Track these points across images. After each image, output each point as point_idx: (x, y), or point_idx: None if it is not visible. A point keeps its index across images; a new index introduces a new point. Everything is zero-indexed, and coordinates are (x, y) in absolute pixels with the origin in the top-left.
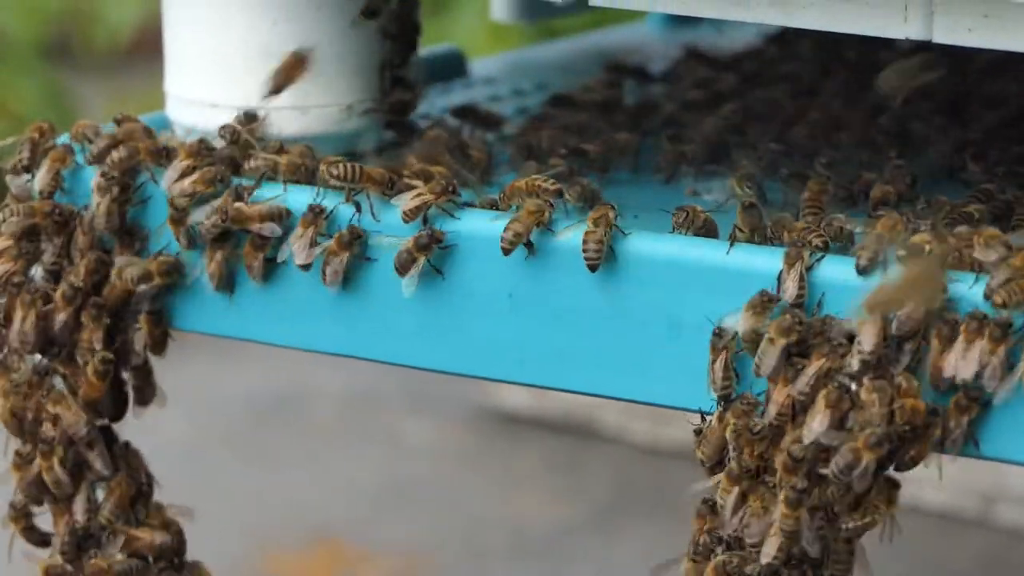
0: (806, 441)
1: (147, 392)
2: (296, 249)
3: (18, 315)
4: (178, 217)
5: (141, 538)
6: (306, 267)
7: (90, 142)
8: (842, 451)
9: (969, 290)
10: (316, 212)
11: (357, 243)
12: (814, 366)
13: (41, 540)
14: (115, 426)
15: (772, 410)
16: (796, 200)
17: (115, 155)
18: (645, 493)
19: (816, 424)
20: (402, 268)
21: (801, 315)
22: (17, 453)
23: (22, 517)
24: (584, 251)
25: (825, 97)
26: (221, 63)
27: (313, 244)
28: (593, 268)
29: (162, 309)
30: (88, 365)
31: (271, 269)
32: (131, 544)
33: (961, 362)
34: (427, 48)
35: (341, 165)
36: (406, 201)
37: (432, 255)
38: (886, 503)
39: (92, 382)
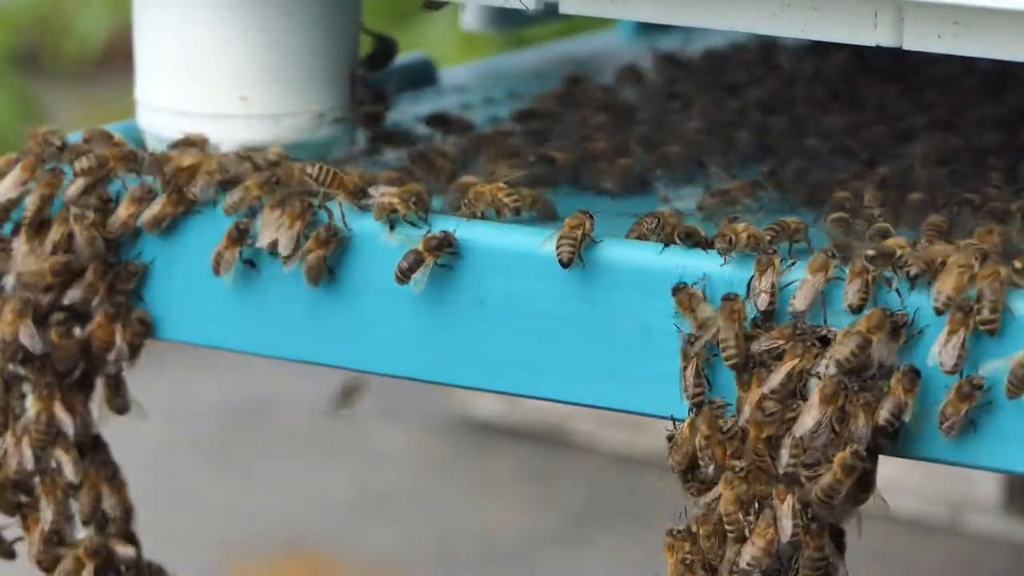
0: (798, 433)
1: (119, 401)
2: (281, 237)
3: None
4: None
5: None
6: (286, 260)
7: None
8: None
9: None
10: (305, 205)
11: (334, 240)
12: (786, 365)
13: (7, 553)
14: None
15: (747, 411)
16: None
17: (83, 164)
18: (618, 501)
19: (809, 419)
20: (409, 268)
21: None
22: None
23: None
24: (558, 249)
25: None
26: (191, 71)
27: (299, 237)
28: (565, 264)
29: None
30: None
31: (245, 275)
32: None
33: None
34: (398, 57)
35: (317, 166)
36: (375, 197)
37: (441, 257)
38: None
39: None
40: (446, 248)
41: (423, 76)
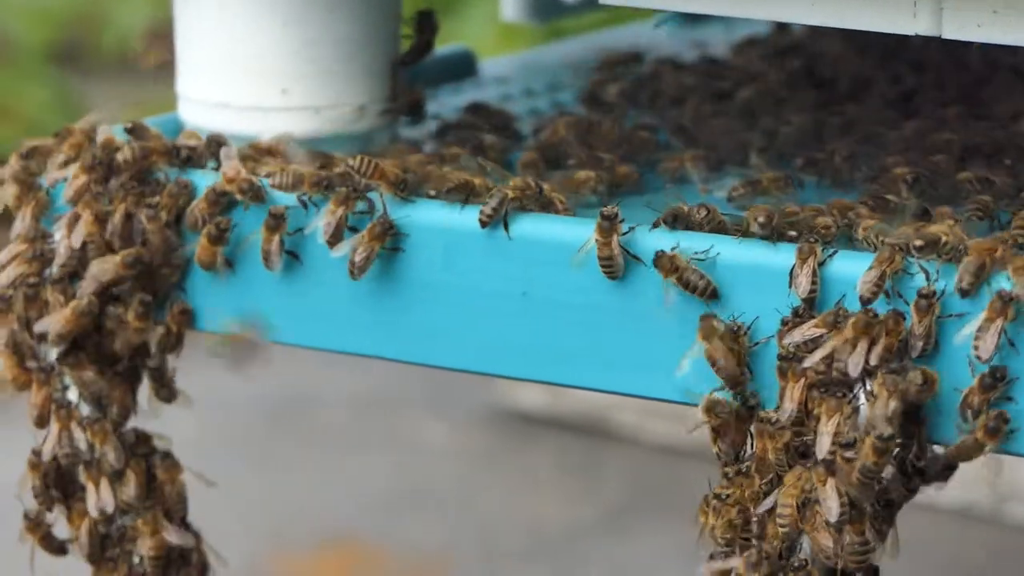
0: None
1: (165, 390)
2: (324, 225)
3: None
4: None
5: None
6: (330, 245)
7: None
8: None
9: None
10: (350, 192)
11: (388, 235)
12: (831, 343)
13: (59, 548)
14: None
15: (788, 407)
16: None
17: (125, 155)
18: (661, 493)
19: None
20: (493, 211)
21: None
22: (33, 452)
23: (38, 527)
24: (602, 265)
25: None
26: (232, 64)
27: (342, 225)
28: (613, 279)
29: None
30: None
31: (289, 265)
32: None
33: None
34: (438, 48)
35: (359, 157)
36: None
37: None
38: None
39: (135, 325)
40: (532, 191)
41: (463, 67)
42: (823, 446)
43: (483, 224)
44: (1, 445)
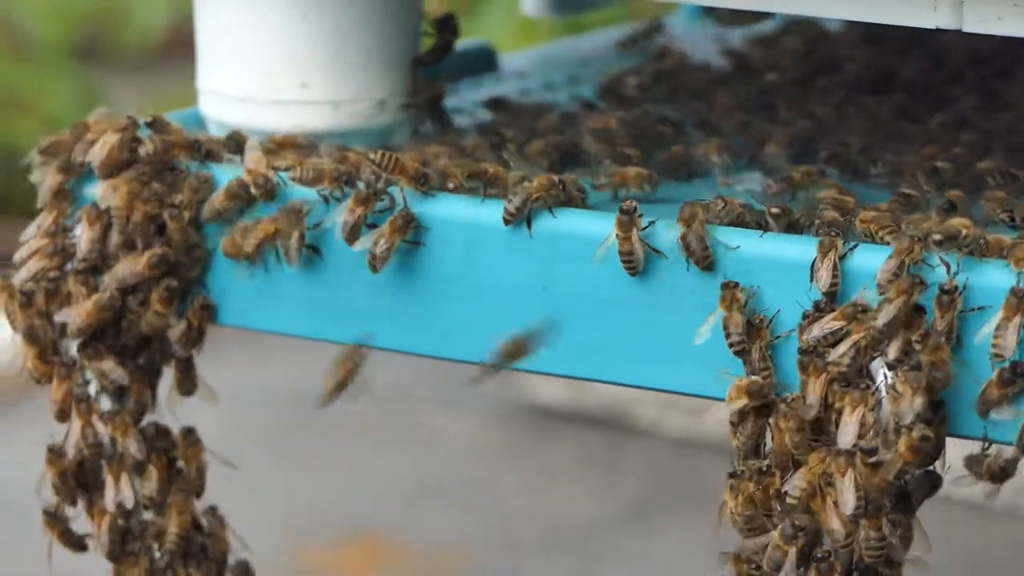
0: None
1: (189, 383)
2: (343, 224)
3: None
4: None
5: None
6: (349, 242)
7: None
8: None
9: None
10: (371, 192)
11: (409, 228)
12: (853, 338)
13: (79, 544)
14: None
15: (812, 400)
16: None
17: (147, 149)
18: (681, 487)
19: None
20: (517, 210)
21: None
22: (50, 449)
23: (57, 522)
24: (623, 261)
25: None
26: (252, 58)
27: (361, 223)
28: (633, 274)
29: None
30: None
31: (309, 259)
32: (159, 536)
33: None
34: (458, 42)
35: (379, 152)
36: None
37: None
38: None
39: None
40: (556, 190)
41: (483, 62)
42: (847, 437)
43: (507, 222)
44: (2, 443)
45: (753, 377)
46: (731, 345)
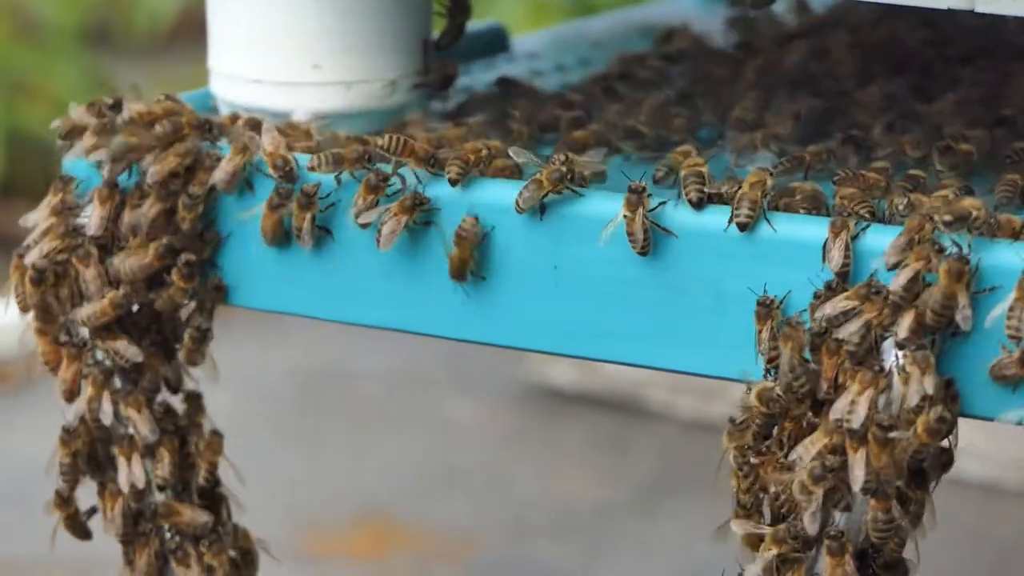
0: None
1: (198, 355)
2: (355, 211)
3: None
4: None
5: (182, 513)
6: (364, 225)
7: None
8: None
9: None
10: (380, 178)
11: (418, 209)
12: (864, 317)
13: (84, 531)
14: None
15: (823, 385)
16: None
17: (159, 130)
18: (691, 470)
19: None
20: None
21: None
22: (64, 429)
23: (67, 505)
24: (631, 241)
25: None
26: (264, 39)
27: (373, 207)
28: (643, 254)
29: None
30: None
31: (321, 240)
32: (170, 516)
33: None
34: (470, 24)
35: (387, 136)
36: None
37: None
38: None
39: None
40: (568, 181)
41: (495, 43)
42: (859, 416)
43: (519, 211)
44: (25, 426)
45: (769, 384)
46: (769, 360)
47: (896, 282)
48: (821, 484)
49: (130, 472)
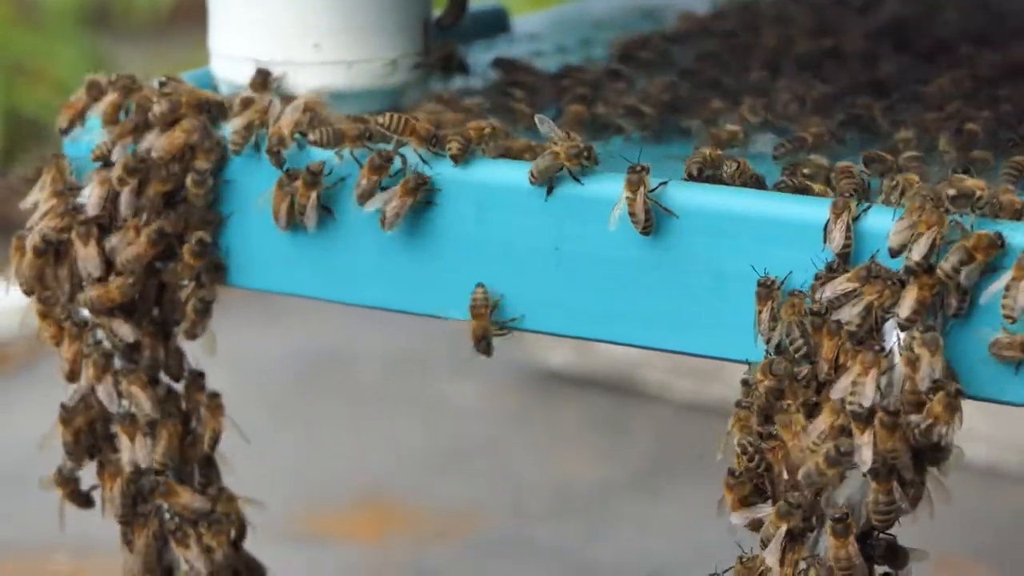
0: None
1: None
2: (358, 191)
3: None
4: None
5: (180, 495)
6: (363, 204)
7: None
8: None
9: None
10: (384, 159)
11: (421, 190)
12: (865, 300)
13: (87, 500)
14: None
15: (823, 367)
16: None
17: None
18: (688, 451)
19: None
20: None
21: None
22: (63, 406)
23: (68, 482)
24: (634, 221)
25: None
26: (264, 19)
27: (375, 188)
28: (646, 233)
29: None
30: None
31: (324, 220)
32: (170, 496)
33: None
34: (471, 4)
35: (389, 115)
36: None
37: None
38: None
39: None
40: (584, 158)
41: (496, 24)
42: (867, 395)
43: (532, 182)
44: (26, 408)
45: (773, 357)
46: (769, 341)
47: (913, 255)
48: (836, 468)
49: (133, 451)
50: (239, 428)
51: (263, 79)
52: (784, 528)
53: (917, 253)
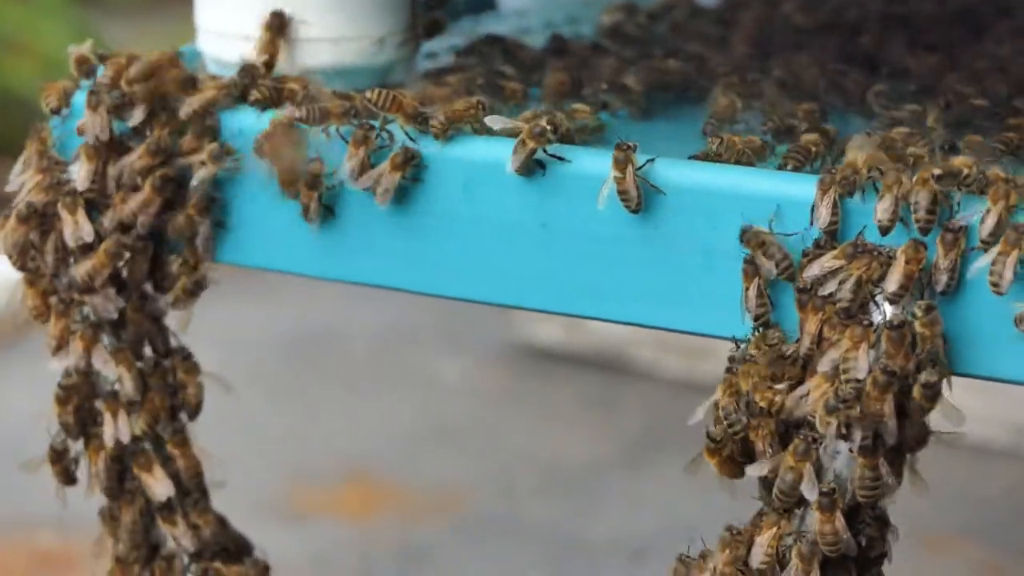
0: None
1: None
2: (350, 169)
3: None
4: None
5: (154, 473)
6: (356, 181)
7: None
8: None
9: None
10: (366, 130)
11: (410, 164)
12: (854, 276)
13: (70, 479)
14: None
15: (806, 341)
16: None
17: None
18: (679, 428)
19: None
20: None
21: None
22: (60, 387)
23: (61, 459)
24: (624, 200)
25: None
26: None
27: (366, 164)
28: (636, 211)
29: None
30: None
31: (327, 219)
32: (144, 470)
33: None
34: None
35: (376, 91)
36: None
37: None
38: None
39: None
40: (551, 134)
41: (483, 1)
42: (862, 367)
43: (520, 174)
44: (18, 382)
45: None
46: (756, 317)
47: (880, 210)
48: (835, 415)
49: (116, 428)
50: (220, 382)
51: (279, 22)
52: (809, 466)
53: (881, 212)
